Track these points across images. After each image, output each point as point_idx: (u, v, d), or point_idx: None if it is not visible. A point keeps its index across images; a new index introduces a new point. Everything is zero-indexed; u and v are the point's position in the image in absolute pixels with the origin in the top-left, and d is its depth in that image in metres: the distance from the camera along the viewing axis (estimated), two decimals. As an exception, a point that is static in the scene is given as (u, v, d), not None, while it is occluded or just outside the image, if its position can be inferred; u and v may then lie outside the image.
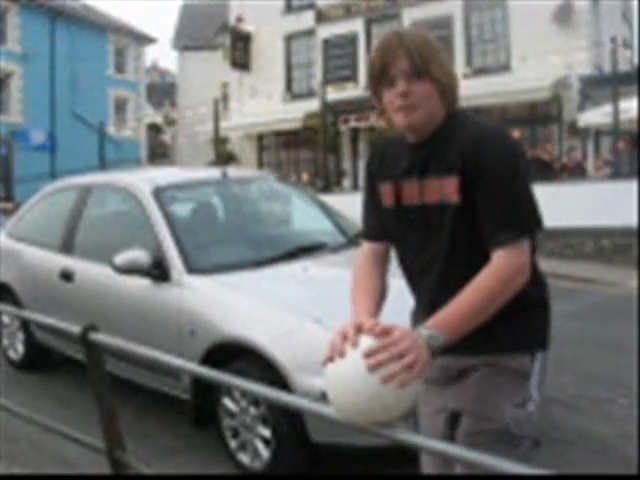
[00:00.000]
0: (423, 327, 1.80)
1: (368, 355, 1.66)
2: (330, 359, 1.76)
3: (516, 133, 20.27)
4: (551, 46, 18.45)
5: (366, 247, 2.29)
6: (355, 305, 2.09)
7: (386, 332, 1.74)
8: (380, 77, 1.94)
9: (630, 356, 5.60)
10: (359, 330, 1.75)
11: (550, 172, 17.27)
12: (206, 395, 4.07)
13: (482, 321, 1.85)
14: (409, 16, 22.55)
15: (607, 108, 15.39)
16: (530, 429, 2.01)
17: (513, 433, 1.98)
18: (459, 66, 21.71)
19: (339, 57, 24.48)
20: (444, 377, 2.11)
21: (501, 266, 1.86)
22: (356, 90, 23.67)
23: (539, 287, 2.09)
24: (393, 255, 2.27)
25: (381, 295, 2.17)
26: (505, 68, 20.48)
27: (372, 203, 2.22)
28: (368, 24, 23.84)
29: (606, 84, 15.74)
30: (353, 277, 2.20)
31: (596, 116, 16.71)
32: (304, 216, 6.02)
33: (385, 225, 2.18)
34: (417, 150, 2.03)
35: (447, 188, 1.93)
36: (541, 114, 20.41)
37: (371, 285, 2.15)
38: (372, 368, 1.64)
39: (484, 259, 1.89)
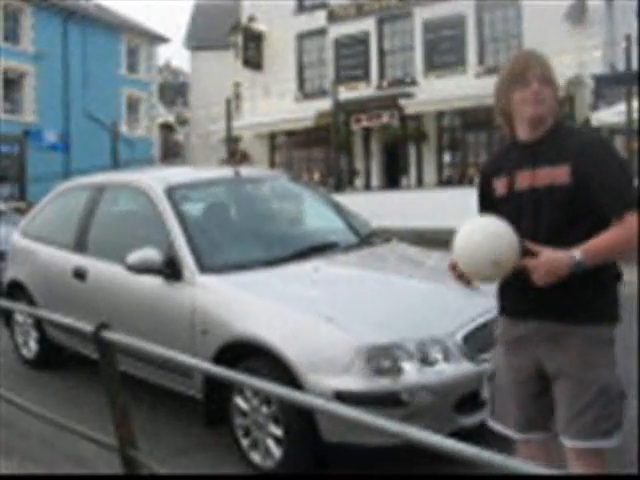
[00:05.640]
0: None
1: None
2: None
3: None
4: (564, 45, 18.36)
5: None
6: None
7: None
8: (517, 80, 2.50)
9: (630, 356, 5.55)
10: None
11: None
12: (218, 394, 4.08)
13: (612, 259, 2.45)
14: (421, 15, 22.51)
15: (620, 107, 15.30)
16: (620, 388, 2.47)
17: (611, 392, 2.42)
18: (471, 65, 21.67)
19: (351, 56, 24.46)
20: (537, 339, 2.52)
21: (635, 223, 2.34)
22: (368, 89, 23.66)
23: (616, 263, 2.55)
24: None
25: None
26: (518, 67, 20.37)
27: (485, 202, 2.71)
28: (380, 23, 23.81)
29: (619, 83, 15.65)
30: None
31: (609, 115, 16.61)
32: (316, 215, 6.02)
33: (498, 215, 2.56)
34: (529, 147, 2.54)
35: (559, 173, 2.44)
36: (554, 113, 20.28)
37: None
38: None
39: (587, 235, 2.37)
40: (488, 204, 2.67)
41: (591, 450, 2.40)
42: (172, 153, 39.35)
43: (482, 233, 2.39)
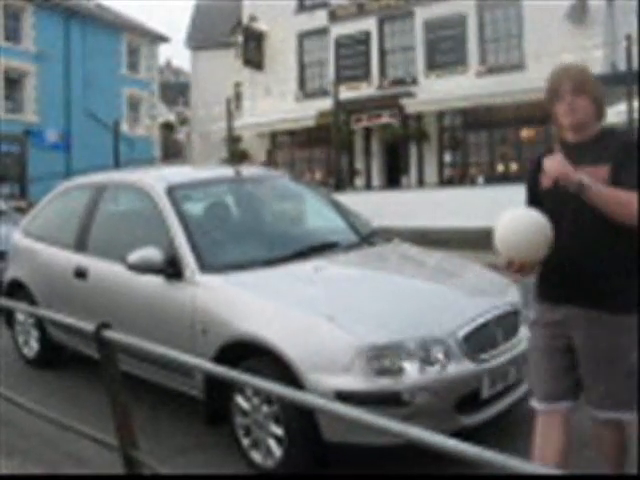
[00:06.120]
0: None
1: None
2: None
3: (530, 132, 20.20)
4: (565, 44, 18.35)
5: None
6: None
7: None
8: (554, 94, 2.89)
9: None
10: None
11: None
12: (219, 393, 4.08)
13: (614, 213, 2.68)
14: (421, 15, 22.49)
15: (620, 107, 15.27)
16: None
17: (637, 372, 2.74)
18: (472, 65, 21.66)
19: (352, 56, 24.43)
20: (571, 323, 2.87)
21: None
22: (369, 89, 23.64)
23: None
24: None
25: None
26: (519, 67, 20.37)
27: (532, 196, 3.06)
28: (381, 23, 23.78)
29: (620, 82, 15.62)
30: None
31: (609, 115, 16.52)
32: (317, 215, 6.02)
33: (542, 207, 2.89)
34: (575, 148, 2.89)
35: (600, 172, 2.76)
36: (555, 113, 20.25)
37: None
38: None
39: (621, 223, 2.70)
40: (534, 198, 3.03)
41: (619, 420, 2.92)
42: (173, 153, 39.34)
43: (510, 216, 2.81)
